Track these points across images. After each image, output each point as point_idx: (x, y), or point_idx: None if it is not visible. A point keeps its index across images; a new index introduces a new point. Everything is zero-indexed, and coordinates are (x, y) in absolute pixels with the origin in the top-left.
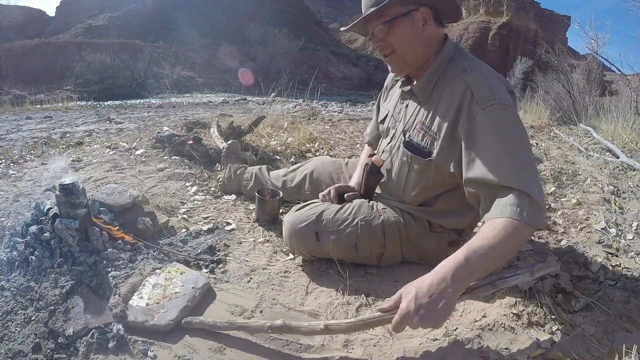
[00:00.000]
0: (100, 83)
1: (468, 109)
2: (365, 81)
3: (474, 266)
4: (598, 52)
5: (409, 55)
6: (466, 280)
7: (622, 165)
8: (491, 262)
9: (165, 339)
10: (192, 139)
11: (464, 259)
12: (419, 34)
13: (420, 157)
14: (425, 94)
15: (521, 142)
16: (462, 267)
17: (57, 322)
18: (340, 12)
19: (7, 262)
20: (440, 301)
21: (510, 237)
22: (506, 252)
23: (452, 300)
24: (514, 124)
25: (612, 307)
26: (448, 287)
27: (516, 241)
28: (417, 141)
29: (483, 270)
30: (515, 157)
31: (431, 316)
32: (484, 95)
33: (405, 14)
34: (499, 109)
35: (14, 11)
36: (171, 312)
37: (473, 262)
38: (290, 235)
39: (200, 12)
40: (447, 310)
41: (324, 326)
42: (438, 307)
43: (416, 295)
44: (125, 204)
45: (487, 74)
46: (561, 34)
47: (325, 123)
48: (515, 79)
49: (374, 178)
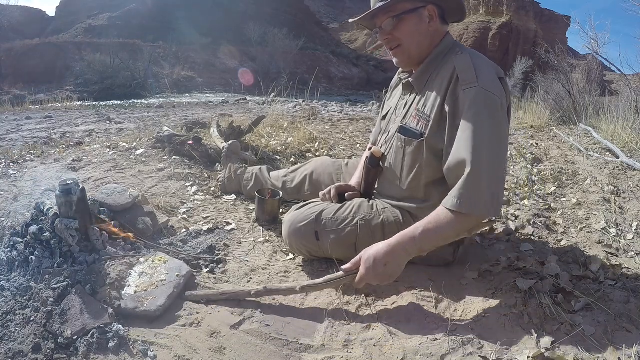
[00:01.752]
0: (100, 83)
1: (453, 89)
2: (365, 81)
3: (422, 244)
4: (598, 52)
5: (414, 50)
6: (415, 253)
7: (622, 165)
8: (438, 241)
9: (154, 324)
10: (192, 139)
11: (417, 237)
12: (425, 30)
13: (413, 138)
14: (421, 82)
15: (492, 129)
16: (413, 243)
17: (54, 324)
18: (340, 12)
19: (7, 262)
20: (394, 268)
21: (452, 224)
22: (450, 235)
23: (402, 266)
24: (492, 109)
25: (612, 307)
26: (400, 258)
27: (457, 227)
28: (411, 126)
29: (430, 247)
30: (480, 143)
31: (384, 279)
32: (467, 77)
33: (412, 10)
34: (479, 92)
35: (14, 11)
36: (160, 299)
37: (424, 241)
38: (290, 234)
39: (200, 12)
40: (397, 273)
41: (300, 288)
42: (390, 273)
43: (375, 263)
44: (125, 204)
45: (475, 58)
46: (561, 34)
47: (325, 123)
48: (515, 79)
49: (373, 171)
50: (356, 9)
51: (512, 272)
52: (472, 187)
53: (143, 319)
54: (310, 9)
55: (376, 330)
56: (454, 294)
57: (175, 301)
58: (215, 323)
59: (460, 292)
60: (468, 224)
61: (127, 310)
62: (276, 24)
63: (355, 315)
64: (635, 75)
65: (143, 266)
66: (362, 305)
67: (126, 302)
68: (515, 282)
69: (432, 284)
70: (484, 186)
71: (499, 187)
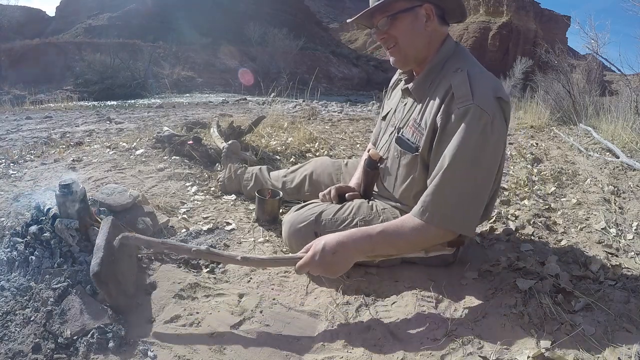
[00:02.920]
0: (100, 83)
1: (447, 106)
2: (365, 81)
3: (377, 246)
4: (598, 52)
5: (410, 49)
6: (367, 252)
7: (622, 165)
8: (392, 248)
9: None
10: (192, 139)
11: (374, 236)
12: (422, 30)
13: (408, 152)
14: (420, 92)
15: (472, 147)
16: (367, 242)
17: (54, 325)
18: (340, 12)
19: (7, 262)
20: (340, 261)
21: (412, 232)
22: (408, 245)
23: (350, 262)
24: (476, 128)
25: (612, 307)
26: (350, 252)
27: (417, 236)
28: (407, 137)
29: (383, 251)
30: (455, 158)
31: (329, 269)
32: (462, 94)
33: (409, 9)
34: (471, 109)
35: (14, 11)
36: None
37: (378, 242)
38: (289, 235)
39: (200, 12)
40: (344, 267)
41: (241, 257)
42: (337, 265)
43: (323, 249)
44: (125, 204)
45: (473, 75)
46: (561, 34)
47: (325, 123)
48: (515, 79)
49: (371, 173)
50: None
51: (512, 272)
52: (438, 197)
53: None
54: (310, 9)
55: (376, 330)
56: (454, 294)
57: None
58: (215, 323)
59: (460, 292)
60: (429, 235)
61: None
62: (276, 24)
63: (355, 315)
64: (635, 75)
65: None
66: (362, 305)
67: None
68: (515, 282)
69: (432, 284)
70: (452, 199)
71: (473, 205)
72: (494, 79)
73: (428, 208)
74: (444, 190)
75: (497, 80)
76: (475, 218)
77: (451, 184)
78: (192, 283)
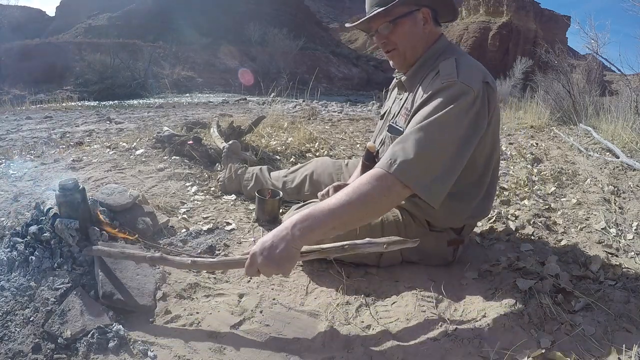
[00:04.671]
0: (100, 83)
1: (430, 84)
2: (365, 81)
3: (314, 218)
4: (598, 52)
5: (410, 52)
6: (306, 230)
7: (622, 165)
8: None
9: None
10: (192, 139)
11: (308, 211)
12: (420, 33)
13: (397, 136)
14: (412, 82)
15: (451, 119)
16: (303, 218)
17: (54, 325)
18: (340, 12)
19: (7, 262)
20: (279, 245)
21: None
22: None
23: (292, 247)
24: (457, 101)
25: (612, 307)
26: (287, 234)
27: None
28: (400, 125)
29: (323, 223)
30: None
31: (272, 257)
32: (447, 73)
33: (408, 13)
34: (458, 86)
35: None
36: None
37: (315, 213)
38: None
39: (200, 12)
40: (287, 255)
41: (191, 261)
42: (277, 251)
43: (262, 240)
44: (125, 204)
45: (461, 60)
46: (561, 34)
47: (325, 123)
48: (515, 79)
49: (370, 166)
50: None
51: (512, 272)
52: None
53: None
54: (310, 9)
55: (376, 330)
56: (454, 294)
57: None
58: (215, 323)
59: (460, 292)
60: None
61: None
62: (276, 24)
63: (355, 315)
64: (635, 75)
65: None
66: (362, 305)
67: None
68: (515, 282)
69: (432, 284)
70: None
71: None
72: (483, 69)
73: (394, 159)
74: (412, 146)
75: (486, 70)
76: (441, 189)
77: (419, 143)
78: (192, 283)
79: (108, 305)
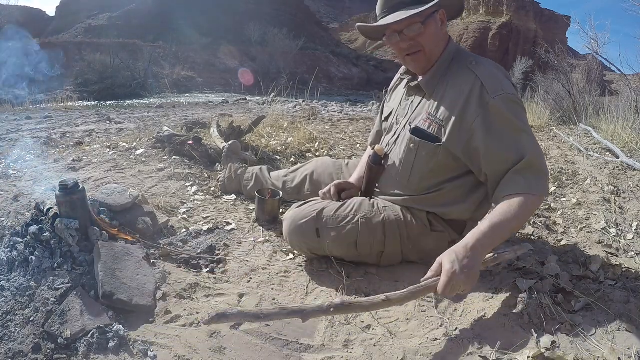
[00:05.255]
0: (100, 83)
1: (479, 98)
2: (365, 81)
3: (494, 237)
4: (598, 52)
5: (435, 53)
6: (488, 248)
7: (622, 165)
8: (507, 233)
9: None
10: (192, 139)
11: (488, 231)
12: (440, 34)
13: (428, 142)
14: (431, 87)
15: (527, 126)
16: (485, 237)
17: (54, 325)
18: (340, 12)
19: (7, 262)
20: (475, 262)
21: (524, 210)
22: (518, 224)
23: (480, 263)
24: (521, 110)
25: (612, 307)
26: (477, 253)
27: (528, 213)
28: (424, 129)
29: (500, 241)
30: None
31: (471, 274)
32: (493, 85)
33: (433, 14)
34: (507, 98)
35: (14, 11)
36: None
37: (494, 234)
38: (290, 231)
39: (200, 12)
40: (478, 272)
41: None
42: (474, 269)
43: (457, 258)
44: (125, 204)
45: (491, 68)
46: (561, 34)
47: (325, 123)
48: (515, 79)
49: (375, 169)
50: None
51: (512, 272)
52: (537, 171)
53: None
54: (310, 9)
55: (376, 330)
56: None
57: None
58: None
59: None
60: (534, 206)
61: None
62: (276, 24)
63: (355, 315)
64: (635, 75)
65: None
66: None
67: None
68: (515, 282)
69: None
70: (543, 168)
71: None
72: (503, 70)
73: (530, 181)
74: (538, 165)
75: (505, 70)
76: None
77: (537, 158)
78: (192, 283)
79: (108, 305)
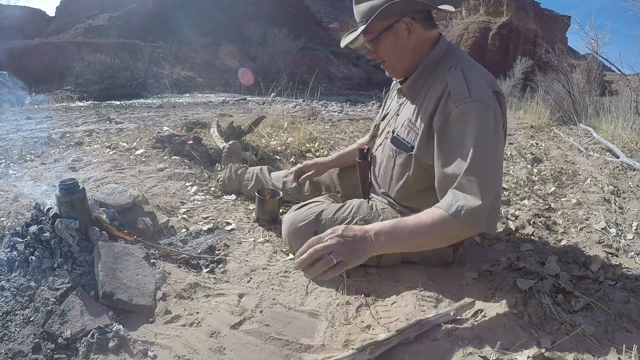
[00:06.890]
0: (100, 83)
1: (444, 106)
2: (365, 81)
3: (397, 235)
4: (598, 52)
5: (397, 64)
6: (386, 242)
7: (622, 165)
8: (413, 240)
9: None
10: (192, 139)
11: (392, 225)
12: (404, 44)
13: (403, 151)
14: (412, 92)
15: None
16: (387, 231)
17: (53, 325)
18: (340, 12)
19: (7, 262)
20: (358, 244)
21: (438, 227)
22: (430, 238)
23: (364, 250)
24: (484, 124)
25: (612, 307)
26: (368, 239)
27: (442, 233)
28: (402, 137)
29: (403, 243)
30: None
31: (343, 247)
32: (459, 93)
33: (388, 27)
34: (473, 106)
35: (14, 11)
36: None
37: (398, 231)
38: (289, 234)
39: (200, 12)
40: (357, 254)
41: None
42: (352, 246)
43: (345, 228)
44: (125, 204)
45: (468, 73)
46: (561, 34)
47: (325, 123)
48: (515, 79)
49: (362, 164)
50: None
51: (512, 272)
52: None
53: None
54: (310, 9)
55: (376, 330)
56: (454, 294)
57: None
58: (215, 323)
59: (460, 292)
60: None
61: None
62: (276, 24)
63: (355, 315)
64: (635, 75)
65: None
66: (362, 305)
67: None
68: (515, 282)
69: (432, 284)
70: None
71: (497, 200)
72: (488, 74)
73: (453, 204)
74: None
75: (491, 75)
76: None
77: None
78: (192, 283)
79: (108, 305)
